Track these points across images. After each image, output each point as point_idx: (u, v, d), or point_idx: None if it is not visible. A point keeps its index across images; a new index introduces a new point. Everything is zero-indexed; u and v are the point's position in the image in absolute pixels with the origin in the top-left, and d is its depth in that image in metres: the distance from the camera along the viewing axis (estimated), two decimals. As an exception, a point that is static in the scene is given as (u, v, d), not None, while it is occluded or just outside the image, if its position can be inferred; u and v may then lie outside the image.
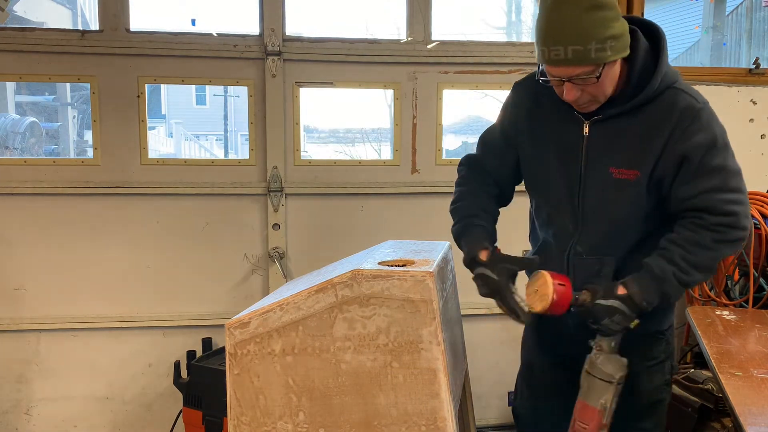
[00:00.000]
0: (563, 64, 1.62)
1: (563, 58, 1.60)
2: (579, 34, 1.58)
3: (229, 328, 1.65)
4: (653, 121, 1.72)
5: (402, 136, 3.33)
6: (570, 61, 1.61)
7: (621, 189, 1.75)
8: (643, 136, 1.72)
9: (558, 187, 1.84)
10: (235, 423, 1.67)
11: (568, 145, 1.81)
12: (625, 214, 1.78)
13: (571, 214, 1.84)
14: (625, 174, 1.74)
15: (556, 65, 1.64)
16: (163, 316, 3.26)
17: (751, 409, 1.56)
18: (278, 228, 3.28)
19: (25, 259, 3.16)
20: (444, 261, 1.92)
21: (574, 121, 1.79)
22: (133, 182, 3.17)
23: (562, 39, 1.59)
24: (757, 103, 3.44)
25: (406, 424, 1.60)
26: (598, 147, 1.77)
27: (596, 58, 1.60)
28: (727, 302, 2.92)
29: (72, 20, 10.15)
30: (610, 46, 1.61)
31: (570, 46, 1.59)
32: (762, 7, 7.47)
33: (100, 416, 3.30)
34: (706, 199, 1.69)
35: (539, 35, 1.64)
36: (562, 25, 1.59)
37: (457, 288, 2.13)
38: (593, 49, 1.59)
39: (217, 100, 16.82)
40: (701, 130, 1.69)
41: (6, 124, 7.53)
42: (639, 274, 1.71)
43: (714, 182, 1.69)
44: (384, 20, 3.65)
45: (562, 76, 1.66)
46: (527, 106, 1.89)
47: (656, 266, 1.69)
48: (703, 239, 1.68)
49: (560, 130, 1.82)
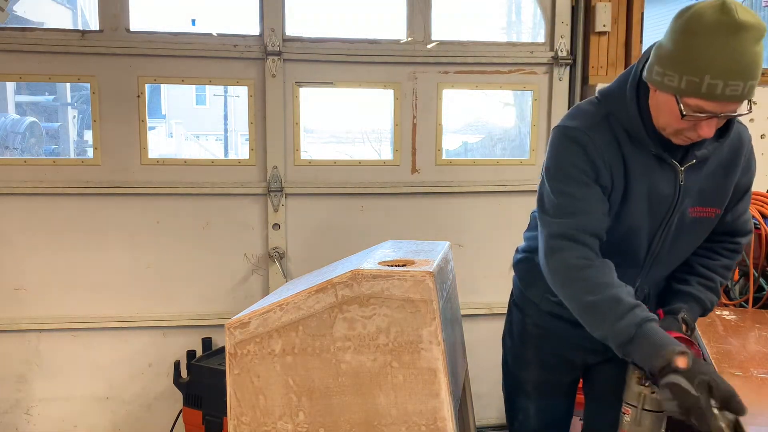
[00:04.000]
0: (737, 99, 1.43)
1: (740, 93, 1.42)
2: (756, 68, 1.42)
3: (229, 328, 1.65)
4: (730, 158, 1.69)
5: (402, 136, 3.33)
6: (743, 97, 1.44)
7: (696, 226, 1.72)
8: (723, 173, 1.68)
9: (637, 232, 1.70)
10: (235, 423, 1.67)
11: (664, 193, 1.66)
12: (690, 249, 1.79)
13: (639, 257, 1.74)
14: (703, 212, 1.69)
15: (728, 101, 1.43)
16: (163, 316, 3.27)
17: (751, 409, 1.55)
18: (278, 228, 3.28)
19: (25, 259, 3.16)
20: (444, 261, 1.92)
21: (669, 169, 1.64)
22: (133, 182, 3.18)
23: (744, 74, 1.40)
24: (757, 103, 3.43)
25: (406, 424, 1.60)
26: (689, 191, 1.68)
27: (749, 94, 1.46)
28: (727, 302, 2.91)
29: (72, 20, 10.15)
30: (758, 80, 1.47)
31: (750, 81, 1.42)
32: (762, 7, 7.47)
33: (100, 416, 3.31)
34: (741, 221, 1.77)
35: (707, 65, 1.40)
36: (742, 57, 1.39)
37: (457, 288, 2.13)
38: (755, 85, 1.45)
39: (217, 100, 16.81)
40: (753, 157, 1.75)
41: (6, 124, 7.52)
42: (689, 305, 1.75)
43: (746, 205, 1.77)
44: (384, 20, 3.64)
45: (720, 112, 1.46)
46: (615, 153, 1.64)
47: (707, 300, 1.77)
48: (733, 263, 1.78)
49: (655, 178, 1.65)
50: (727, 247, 1.78)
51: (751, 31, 1.39)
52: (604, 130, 1.64)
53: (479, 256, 3.38)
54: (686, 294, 1.77)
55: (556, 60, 3.34)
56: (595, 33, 3.33)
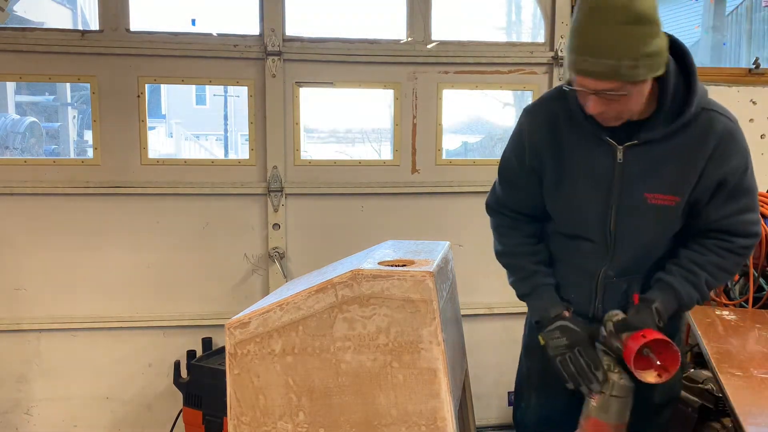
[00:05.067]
0: (592, 76, 1.54)
1: (592, 70, 1.52)
2: (613, 48, 1.49)
3: (229, 328, 1.65)
4: (691, 145, 1.67)
5: (402, 136, 3.33)
6: (599, 75, 1.52)
7: (656, 214, 1.72)
8: (682, 161, 1.68)
9: (588, 214, 1.79)
10: (235, 423, 1.67)
11: (600, 172, 1.73)
12: (657, 237, 1.78)
13: (602, 240, 1.80)
14: (662, 200, 1.71)
15: (585, 76, 1.55)
16: (163, 316, 3.26)
17: (751, 409, 1.55)
18: (278, 228, 3.28)
19: (25, 259, 3.16)
20: (444, 261, 1.92)
21: (606, 147, 1.71)
22: (133, 182, 3.17)
23: (594, 50, 1.51)
24: (757, 103, 3.44)
25: (406, 424, 1.60)
26: (633, 173, 1.71)
27: (627, 75, 1.51)
28: (727, 302, 2.91)
29: (72, 20, 10.16)
30: (645, 65, 1.52)
31: (602, 59, 1.50)
32: (762, 7, 7.47)
33: (100, 416, 3.30)
34: (735, 221, 1.71)
35: (571, 42, 1.55)
36: (597, 35, 1.50)
37: (457, 288, 2.13)
38: (625, 66, 1.50)
39: (217, 100, 16.84)
40: (738, 152, 1.69)
41: (6, 124, 7.54)
42: (665, 295, 1.73)
43: (743, 204, 1.71)
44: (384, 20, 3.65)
45: (590, 89, 1.57)
46: (547, 134, 1.78)
47: (685, 294, 1.72)
48: (727, 264, 1.72)
49: (590, 157, 1.74)
50: (720, 245, 1.72)
51: (610, 12, 1.48)
52: (546, 110, 1.78)
53: (479, 256, 3.37)
54: (665, 283, 1.75)
55: (556, 60, 3.34)
56: (595, 33, 3.33)
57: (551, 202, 1.86)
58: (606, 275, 1.82)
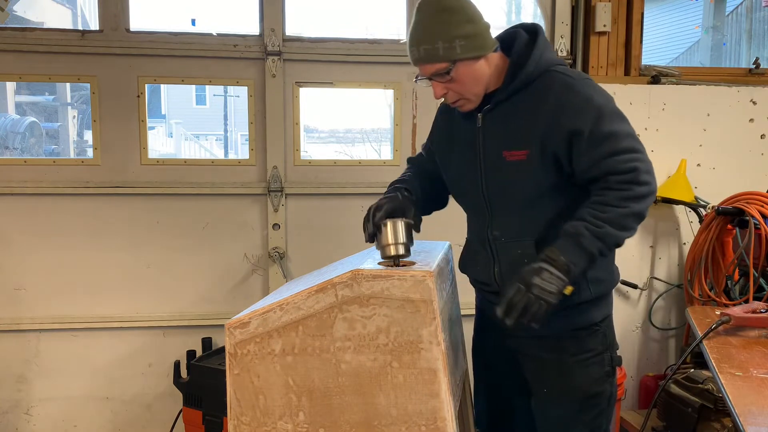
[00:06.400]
0: (418, 62, 1.79)
1: (417, 56, 1.78)
2: (427, 34, 1.74)
3: (229, 328, 1.65)
4: (534, 101, 1.81)
5: (402, 136, 3.33)
6: (422, 59, 1.77)
7: (515, 169, 1.83)
8: (527, 116, 1.81)
9: (465, 180, 1.95)
10: (235, 423, 1.67)
11: (468, 139, 1.92)
12: (526, 193, 1.84)
13: (479, 203, 1.93)
14: (516, 155, 1.82)
15: (416, 63, 1.80)
16: (163, 316, 3.27)
17: (751, 409, 1.55)
18: (278, 228, 3.28)
19: (25, 259, 3.16)
20: (444, 261, 1.93)
21: (471, 116, 1.90)
22: (133, 182, 3.18)
23: (415, 39, 1.77)
24: (757, 103, 3.44)
25: (406, 424, 1.60)
26: (491, 134, 1.87)
27: (444, 55, 1.74)
28: (727, 302, 2.92)
29: (72, 20, 10.16)
30: (460, 45, 1.73)
31: (421, 45, 1.75)
32: (762, 7, 7.47)
33: (100, 416, 3.31)
34: (605, 165, 1.74)
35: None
36: (416, 27, 1.77)
37: (457, 288, 2.13)
38: (441, 48, 1.73)
39: (217, 100, 16.82)
40: (583, 102, 1.76)
41: (6, 124, 7.53)
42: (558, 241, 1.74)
43: (607, 148, 1.73)
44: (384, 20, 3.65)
45: (424, 75, 1.81)
46: (446, 116, 2.04)
47: (568, 225, 1.74)
48: (609, 199, 1.73)
49: (461, 129, 1.95)
50: (599, 186, 1.75)
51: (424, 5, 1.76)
52: None
53: (479, 256, 3.38)
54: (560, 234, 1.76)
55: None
56: (595, 33, 3.33)
57: (446, 178, 2.06)
58: (493, 236, 1.92)
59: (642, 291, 3.47)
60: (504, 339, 2.00)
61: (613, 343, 1.97)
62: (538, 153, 1.79)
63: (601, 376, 1.93)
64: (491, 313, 1.98)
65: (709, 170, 3.44)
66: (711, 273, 3.08)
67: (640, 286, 3.42)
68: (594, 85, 1.83)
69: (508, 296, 1.69)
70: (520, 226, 1.87)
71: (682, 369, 2.92)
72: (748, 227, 2.88)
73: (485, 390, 2.15)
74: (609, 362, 1.94)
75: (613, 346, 1.96)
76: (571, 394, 1.91)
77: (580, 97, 1.77)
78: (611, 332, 1.97)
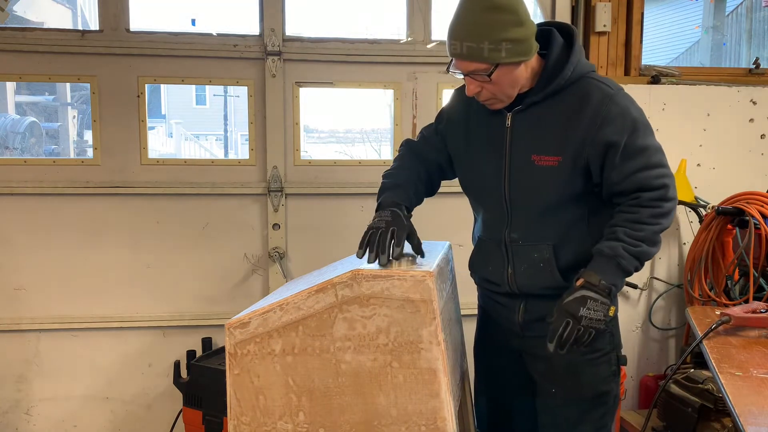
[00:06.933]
0: (459, 58, 1.74)
1: (458, 52, 1.72)
2: (473, 31, 1.69)
3: (229, 328, 1.65)
4: (571, 107, 1.79)
5: (402, 136, 3.32)
6: (464, 56, 1.72)
7: (544, 175, 1.81)
8: (562, 122, 1.79)
9: (486, 179, 1.92)
10: (235, 423, 1.67)
11: (494, 137, 1.88)
12: (550, 199, 1.84)
13: (500, 204, 1.90)
14: (547, 161, 1.81)
15: (455, 58, 1.75)
16: (163, 316, 3.26)
17: (751, 409, 1.55)
18: (278, 228, 3.28)
19: (25, 259, 3.16)
20: (444, 261, 1.93)
21: (499, 114, 1.87)
22: (133, 182, 3.17)
23: (459, 34, 1.71)
24: (757, 103, 3.44)
25: (406, 424, 1.61)
26: (520, 136, 1.84)
27: (489, 57, 1.70)
28: (727, 302, 2.91)
29: (72, 20, 10.15)
30: (506, 48, 1.69)
31: (465, 41, 1.70)
32: (762, 7, 7.47)
33: (100, 416, 3.30)
34: (637, 179, 1.76)
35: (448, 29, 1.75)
36: (461, 21, 1.71)
37: (457, 288, 2.13)
38: (486, 48, 1.69)
39: (217, 100, 16.81)
40: (620, 115, 1.76)
41: (6, 124, 7.53)
42: (591, 262, 1.76)
43: (640, 163, 1.76)
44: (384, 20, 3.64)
45: (462, 70, 1.77)
46: (461, 108, 1.99)
47: (605, 247, 1.74)
48: (642, 217, 1.74)
49: (487, 125, 1.91)
50: (630, 202, 1.77)
51: (474, 1, 1.69)
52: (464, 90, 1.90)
53: (479, 256, 3.38)
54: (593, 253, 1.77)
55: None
56: (595, 33, 3.33)
57: (460, 173, 2.03)
58: (510, 238, 1.90)
59: (642, 291, 3.47)
60: (509, 339, 2.00)
61: (620, 343, 1.98)
62: (570, 161, 1.79)
63: (609, 375, 1.94)
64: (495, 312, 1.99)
65: (709, 170, 3.44)
66: (711, 273, 3.08)
67: (640, 286, 3.42)
68: (628, 96, 1.83)
69: (559, 332, 1.69)
70: (539, 231, 1.87)
71: (682, 369, 2.92)
72: (748, 227, 2.88)
73: (487, 389, 2.15)
74: (615, 362, 1.95)
75: (620, 345, 1.98)
76: (580, 393, 1.92)
77: (619, 108, 1.77)
78: (617, 332, 1.98)
